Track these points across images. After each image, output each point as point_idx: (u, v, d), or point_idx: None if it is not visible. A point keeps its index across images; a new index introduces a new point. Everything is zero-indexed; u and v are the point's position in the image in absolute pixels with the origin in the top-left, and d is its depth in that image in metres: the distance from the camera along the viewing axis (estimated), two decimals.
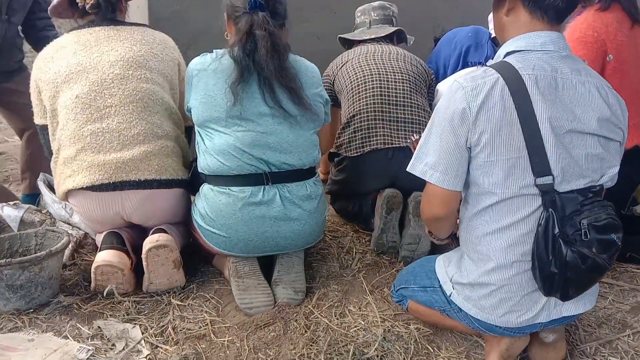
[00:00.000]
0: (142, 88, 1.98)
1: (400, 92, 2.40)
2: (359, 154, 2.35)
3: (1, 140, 4.43)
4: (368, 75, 2.46)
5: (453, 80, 1.44)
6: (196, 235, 2.07)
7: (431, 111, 2.40)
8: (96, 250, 2.04)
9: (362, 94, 2.41)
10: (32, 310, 1.86)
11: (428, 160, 1.45)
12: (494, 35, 2.68)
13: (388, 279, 2.14)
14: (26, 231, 2.09)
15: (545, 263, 1.36)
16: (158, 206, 2.03)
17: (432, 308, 1.68)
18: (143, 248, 1.91)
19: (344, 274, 2.17)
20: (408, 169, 1.51)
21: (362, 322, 1.85)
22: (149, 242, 1.91)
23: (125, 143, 1.94)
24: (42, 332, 1.75)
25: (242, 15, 1.89)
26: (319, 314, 1.89)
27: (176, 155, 2.08)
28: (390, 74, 2.45)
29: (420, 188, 1.57)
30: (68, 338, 1.72)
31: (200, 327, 1.80)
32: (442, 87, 2.57)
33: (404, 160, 1.78)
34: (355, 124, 2.38)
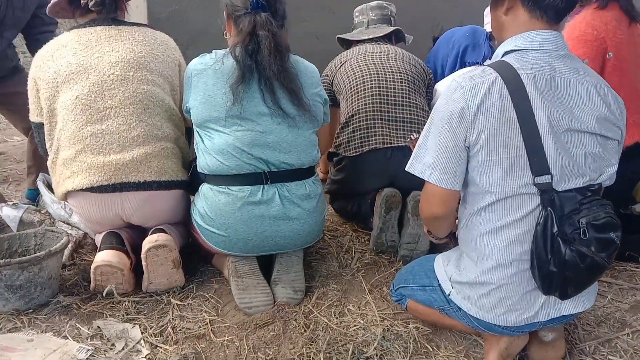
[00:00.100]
0: (143, 90, 1.98)
1: (398, 91, 2.40)
2: (358, 153, 2.35)
3: (0, 141, 4.42)
4: (367, 75, 2.46)
5: (451, 80, 1.44)
6: (195, 235, 2.07)
7: (430, 111, 2.41)
8: (95, 251, 2.04)
9: (361, 94, 2.41)
10: (31, 310, 1.86)
11: (427, 160, 1.45)
12: (489, 30, 2.67)
13: (387, 278, 2.14)
14: (25, 231, 2.09)
15: (544, 262, 1.36)
16: (158, 207, 2.03)
17: (431, 307, 1.69)
18: (142, 248, 1.91)
19: (343, 273, 2.18)
20: (407, 168, 1.51)
21: (362, 321, 1.85)
22: (148, 242, 1.91)
23: (125, 145, 1.94)
24: (41, 332, 1.75)
25: (243, 16, 1.88)
26: (318, 313, 1.89)
27: (176, 157, 2.08)
28: (389, 74, 2.45)
29: (419, 187, 1.57)
30: (67, 338, 1.72)
31: (200, 327, 1.80)
32: (441, 86, 2.58)
33: (402, 160, 1.78)
34: (354, 124, 2.39)
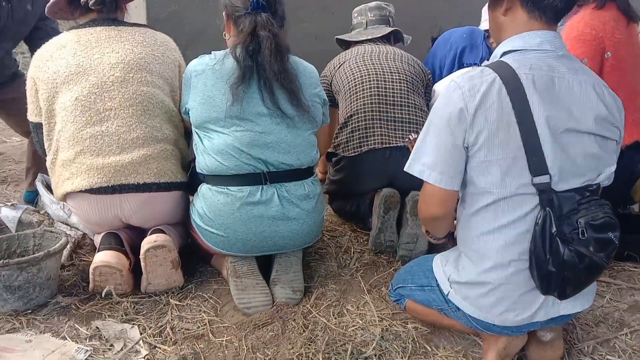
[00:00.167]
0: (142, 91, 1.97)
1: (397, 92, 2.40)
2: (357, 153, 2.35)
3: None
4: (365, 75, 2.46)
5: (450, 80, 1.44)
6: (194, 235, 2.07)
7: (428, 111, 2.41)
8: (94, 251, 2.04)
9: (360, 94, 2.41)
10: (30, 311, 1.86)
11: (425, 160, 1.45)
12: (486, 28, 2.66)
13: (386, 278, 2.14)
14: (24, 232, 2.09)
15: (543, 262, 1.36)
16: (157, 209, 2.03)
17: (429, 307, 1.69)
18: (141, 248, 1.91)
19: (342, 274, 2.18)
20: (405, 169, 1.51)
21: (360, 322, 1.85)
22: (147, 242, 1.91)
23: (124, 146, 1.94)
24: (40, 333, 1.75)
25: (244, 16, 1.88)
26: (317, 313, 1.89)
27: (175, 158, 2.07)
28: (388, 74, 2.45)
29: (418, 187, 1.57)
30: (66, 339, 1.72)
31: (199, 327, 1.80)
32: (440, 87, 2.58)
33: (401, 160, 1.78)
34: (352, 124, 2.39)
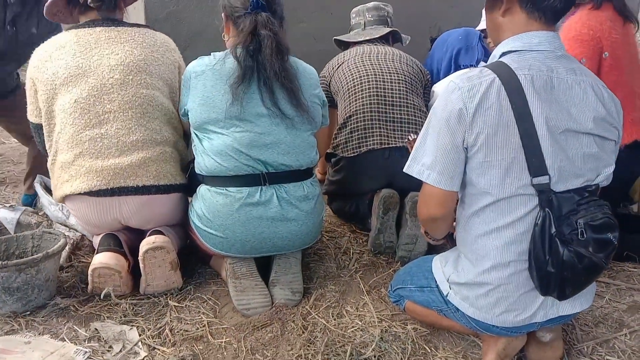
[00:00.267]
0: (142, 94, 1.97)
1: (396, 92, 2.40)
2: (356, 154, 2.35)
3: None
4: (364, 76, 2.46)
5: (449, 81, 1.44)
6: (193, 236, 2.06)
7: (427, 111, 2.41)
8: (93, 252, 2.03)
9: (359, 95, 2.41)
10: (28, 312, 1.85)
11: (425, 161, 1.45)
12: (483, 28, 2.66)
13: (385, 279, 2.14)
14: (23, 233, 2.09)
15: (542, 263, 1.36)
16: (156, 211, 2.02)
17: (429, 308, 1.69)
18: (140, 250, 1.90)
19: (341, 275, 2.17)
20: (405, 170, 1.51)
21: (360, 323, 1.85)
22: (145, 244, 1.90)
23: (123, 149, 1.93)
24: (38, 335, 1.75)
25: (244, 16, 1.88)
26: (316, 314, 1.89)
27: (174, 161, 2.07)
28: (387, 75, 2.45)
29: (417, 188, 1.57)
30: (65, 340, 1.72)
31: (198, 329, 1.80)
32: (438, 88, 2.58)
33: (400, 160, 1.78)
34: (352, 125, 2.38)
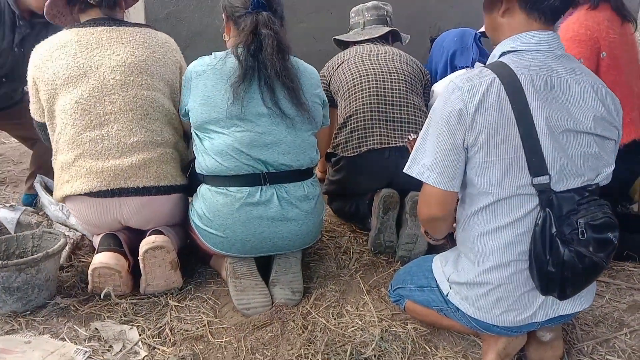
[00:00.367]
0: (143, 95, 1.96)
1: (396, 92, 2.40)
2: (356, 153, 2.35)
3: None
4: (364, 75, 2.45)
5: (449, 81, 1.44)
6: (193, 236, 2.06)
7: (427, 111, 2.41)
8: (93, 252, 2.03)
9: (359, 94, 2.41)
10: (29, 312, 1.86)
11: (425, 161, 1.45)
12: (482, 31, 2.65)
13: (385, 278, 2.14)
14: (23, 233, 2.09)
15: (543, 262, 1.36)
16: (156, 212, 2.02)
17: (429, 308, 1.69)
18: (140, 250, 1.90)
19: (342, 274, 2.17)
20: (405, 170, 1.51)
21: (360, 322, 1.85)
22: (145, 243, 1.90)
23: (124, 150, 1.93)
24: (39, 334, 1.75)
25: (244, 15, 1.88)
26: (316, 314, 1.89)
27: (175, 161, 2.07)
28: (386, 74, 2.45)
29: (417, 188, 1.57)
30: (65, 340, 1.72)
31: (198, 328, 1.80)
32: (438, 88, 2.57)
33: (400, 160, 1.78)
34: (352, 124, 2.38)
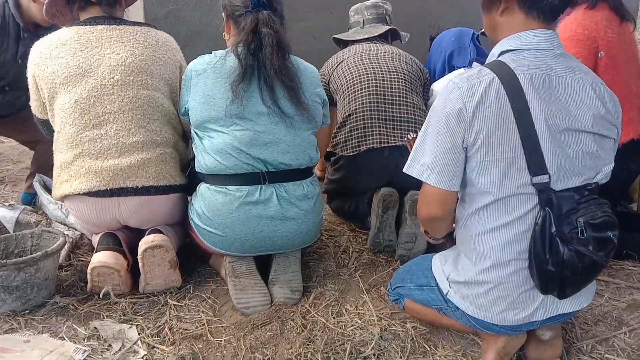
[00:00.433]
0: (142, 95, 1.96)
1: (395, 91, 2.40)
2: (355, 153, 2.35)
3: None
4: (363, 74, 2.45)
5: (448, 80, 1.43)
6: (193, 235, 2.06)
7: (426, 110, 2.41)
8: (92, 251, 2.04)
9: (358, 94, 2.41)
10: (28, 311, 1.85)
11: (425, 161, 1.45)
12: (481, 31, 2.65)
13: (385, 277, 2.14)
14: (22, 232, 2.08)
15: (543, 262, 1.36)
16: (155, 211, 2.02)
17: (428, 306, 1.69)
18: (139, 249, 1.90)
19: (341, 273, 2.17)
20: (404, 170, 1.50)
21: (359, 321, 1.85)
22: (144, 242, 1.90)
23: (123, 150, 1.93)
24: (38, 333, 1.74)
25: (245, 14, 1.88)
26: (315, 313, 1.89)
27: (174, 161, 2.07)
28: (386, 73, 2.45)
29: (417, 187, 1.57)
30: (64, 339, 1.72)
31: (197, 327, 1.80)
32: (437, 86, 2.57)
33: (400, 159, 1.77)
34: (351, 123, 2.38)
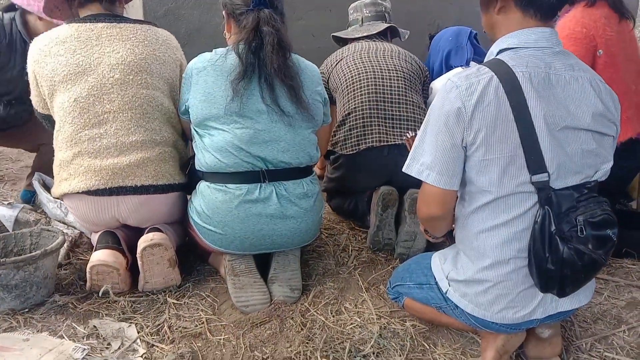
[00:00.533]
0: (142, 94, 1.95)
1: (395, 89, 2.40)
2: (355, 151, 2.35)
3: None
4: (363, 72, 2.45)
5: (447, 79, 1.43)
6: (192, 233, 2.06)
7: (426, 109, 2.40)
8: (91, 250, 2.04)
9: (357, 92, 2.41)
10: (27, 309, 1.85)
11: (424, 160, 1.44)
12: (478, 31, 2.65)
13: (384, 276, 2.14)
14: (21, 231, 2.08)
15: (542, 260, 1.36)
16: (154, 210, 2.02)
17: (428, 305, 1.69)
18: (138, 247, 1.90)
19: (340, 272, 2.17)
20: (404, 169, 1.50)
21: (358, 320, 1.85)
22: (143, 241, 1.90)
23: (122, 149, 1.93)
24: (37, 332, 1.74)
25: (246, 13, 1.88)
26: (315, 311, 1.89)
27: (173, 160, 2.06)
28: (385, 72, 2.45)
29: (416, 185, 1.57)
30: (63, 337, 1.72)
31: (196, 326, 1.80)
32: (437, 85, 2.57)
33: (399, 158, 1.77)
34: (350, 122, 2.38)
